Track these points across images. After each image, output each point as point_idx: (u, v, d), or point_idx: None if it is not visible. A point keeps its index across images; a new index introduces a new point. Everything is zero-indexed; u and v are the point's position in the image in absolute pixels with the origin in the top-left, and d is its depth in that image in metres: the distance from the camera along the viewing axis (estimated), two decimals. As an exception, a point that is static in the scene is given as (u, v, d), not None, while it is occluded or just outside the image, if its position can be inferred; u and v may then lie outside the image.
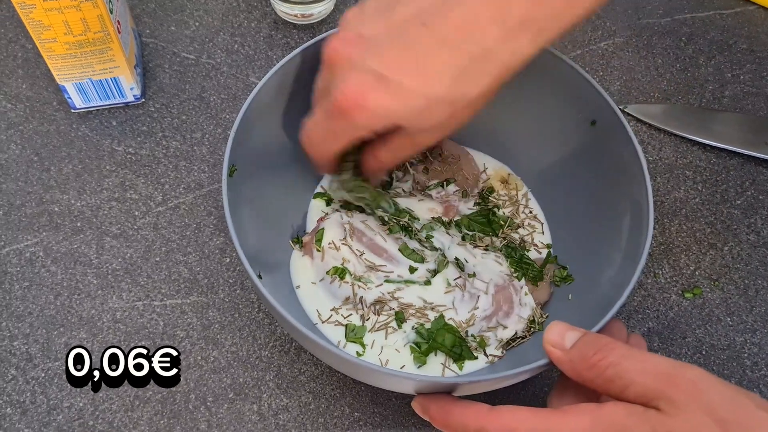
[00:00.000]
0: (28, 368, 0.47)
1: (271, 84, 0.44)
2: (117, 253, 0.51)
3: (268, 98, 0.44)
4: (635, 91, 0.59)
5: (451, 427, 0.36)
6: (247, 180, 0.43)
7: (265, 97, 0.44)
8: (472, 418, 0.34)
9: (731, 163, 0.56)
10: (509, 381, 0.38)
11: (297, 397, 0.47)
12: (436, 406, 0.37)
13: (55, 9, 0.47)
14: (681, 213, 0.54)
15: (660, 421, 0.30)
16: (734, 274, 0.52)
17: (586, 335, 0.35)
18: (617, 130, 0.44)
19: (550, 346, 0.36)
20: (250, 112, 0.43)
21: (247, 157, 0.43)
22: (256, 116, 0.44)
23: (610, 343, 0.33)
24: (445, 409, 0.36)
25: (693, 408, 0.30)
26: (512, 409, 0.34)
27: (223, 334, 0.48)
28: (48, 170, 0.53)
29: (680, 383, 0.31)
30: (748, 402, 0.31)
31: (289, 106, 0.46)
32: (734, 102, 0.59)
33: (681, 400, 0.30)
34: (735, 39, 0.62)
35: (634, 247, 0.41)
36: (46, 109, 0.56)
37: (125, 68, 0.53)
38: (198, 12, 0.60)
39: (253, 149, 0.44)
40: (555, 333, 0.36)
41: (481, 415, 0.34)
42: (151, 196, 0.53)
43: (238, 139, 0.42)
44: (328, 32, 0.44)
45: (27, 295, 0.49)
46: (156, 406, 0.46)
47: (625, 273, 0.40)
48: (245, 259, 0.38)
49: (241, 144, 0.42)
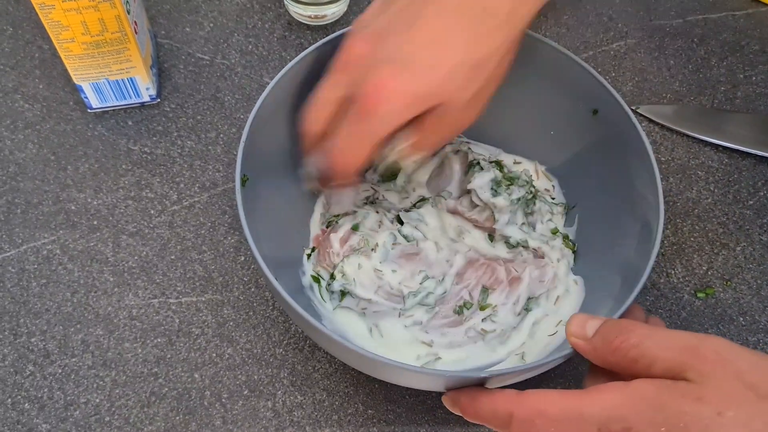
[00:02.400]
0: (46, 364, 0.47)
1: (278, 90, 0.44)
2: (133, 251, 0.51)
3: (277, 104, 0.45)
4: (647, 92, 0.59)
5: (481, 416, 0.36)
6: (259, 184, 0.44)
7: (272, 104, 0.44)
8: (501, 404, 0.35)
9: (743, 163, 0.56)
10: (534, 372, 0.38)
11: (311, 394, 0.47)
12: (465, 398, 0.37)
13: (74, 9, 0.48)
14: (693, 213, 0.54)
15: (690, 390, 0.30)
16: (747, 274, 0.52)
17: (606, 321, 0.35)
18: (626, 128, 0.45)
19: (573, 337, 0.36)
20: (259, 119, 0.43)
21: (259, 161, 0.44)
22: (266, 120, 0.44)
23: (630, 325, 0.34)
24: (474, 398, 0.36)
25: (721, 375, 0.30)
26: (540, 392, 0.34)
27: (238, 332, 0.49)
28: (65, 169, 0.54)
29: (705, 353, 0.31)
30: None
31: (299, 106, 0.47)
32: (746, 103, 0.59)
33: (708, 370, 0.30)
34: (747, 40, 0.62)
35: (647, 233, 0.42)
36: (63, 108, 0.56)
37: (141, 68, 0.53)
38: (212, 13, 0.61)
39: (265, 153, 0.44)
40: (576, 324, 0.36)
41: (510, 401, 0.34)
42: (167, 195, 0.53)
43: (248, 149, 0.42)
44: (340, 31, 0.45)
45: (44, 293, 0.50)
46: (171, 403, 0.47)
47: (641, 258, 0.41)
48: (264, 265, 0.38)
49: (252, 151, 0.43)
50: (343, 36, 0.44)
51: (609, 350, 0.34)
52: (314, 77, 0.45)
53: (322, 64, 0.44)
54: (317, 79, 0.44)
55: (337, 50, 0.41)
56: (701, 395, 0.30)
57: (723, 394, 0.30)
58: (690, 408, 0.30)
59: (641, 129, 0.44)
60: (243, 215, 0.40)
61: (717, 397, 0.30)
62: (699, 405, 0.30)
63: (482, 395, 0.36)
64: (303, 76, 0.45)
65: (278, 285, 0.38)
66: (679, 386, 0.31)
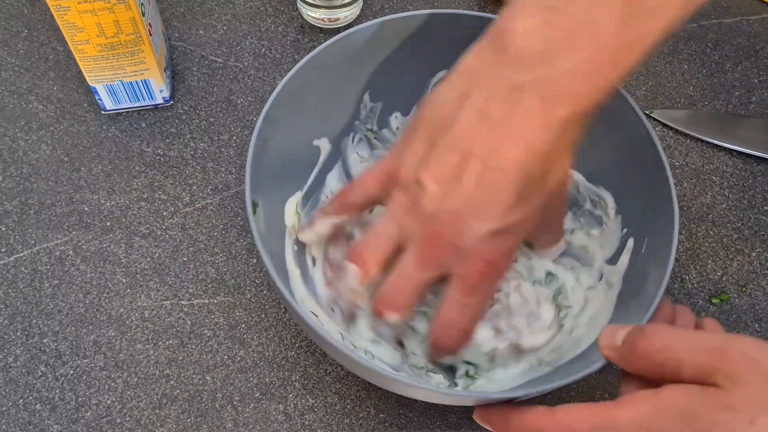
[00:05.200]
0: (58, 365, 0.48)
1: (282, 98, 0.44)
2: (146, 252, 0.51)
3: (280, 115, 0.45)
4: (661, 96, 0.59)
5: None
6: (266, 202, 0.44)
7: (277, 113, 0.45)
8: (531, 422, 0.35)
9: (758, 168, 0.56)
10: (562, 383, 0.38)
11: (323, 397, 0.47)
12: (496, 416, 0.37)
13: (89, 11, 0.48)
14: (708, 218, 0.54)
15: (721, 398, 0.30)
16: (762, 280, 0.52)
17: (633, 328, 0.35)
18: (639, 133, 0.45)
19: (605, 349, 0.36)
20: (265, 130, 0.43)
21: (270, 169, 0.44)
22: (272, 129, 0.44)
23: (654, 328, 0.34)
24: (505, 416, 0.36)
25: (751, 379, 0.30)
26: (569, 407, 0.34)
27: (250, 334, 0.49)
28: (78, 170, 0.54)
29: (732, 355, 0.31)
30: None
31: (306, 113, 0.47)
32: (761, 107, 0.59)
33: (737, 373, 0.30)
34: (762, 45, 0.62)
35: (664, 240, 0.42)
36: (77, 110, 0.57)
37: (155, 70, 0.53)
38: (226, 16, 0.61)
39: (274, 162, 0.45)
40: (606, 335, 0.36)
41: (540, 418, 0.34)
42: (179, 197, 0.53)
43: (255, 174, 0.42)
44: (342, 34, 0.45)
45: (57, 294, 0.50)
46: (183, 405, 0.46)
47: (661, 255, 0.41)
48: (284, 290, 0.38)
49: (259, 168, 0.43)
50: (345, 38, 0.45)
51: (636, 356, 0.33)
52: (317, 84, 0.46)
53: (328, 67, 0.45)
54: (319, 85, 0.45)
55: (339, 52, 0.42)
56: (732, 403, 0.30)
57: (754, 400, 0.29)
58: (722, 417, 0.30)
59: (655, 135, 0.44)
60: (261, 247, 0.39)
61: (748, 404, 0.29)
62: (731, 413, 0.29)
63: (513, 413, 0.36)
64: (306, 85, 0.46)
65: (300, 308, 0.38)
66: (709, 393, 0.30)
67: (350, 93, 0.50)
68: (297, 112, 0.46)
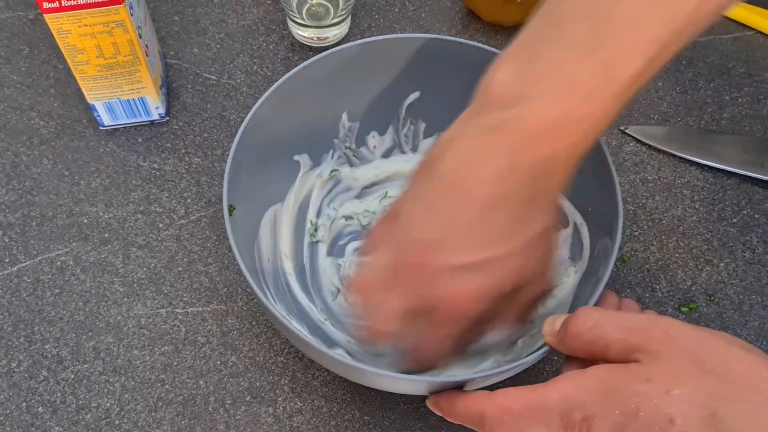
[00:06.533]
0: (59, 370, 0.50)
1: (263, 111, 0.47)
2: (142, 262, 0.54)
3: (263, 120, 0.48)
4: (636, 112, 0.61)
5: (457, 416, 0.39)
6: (246, 216, 0.47)
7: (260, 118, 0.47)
8: (474, 405, 0.37)
9: (728, 182, 0.59)
10: (510, 373, 0.41)
11: (310, 400, 0.50)
12: (444, 401, 0.40)
13: (89, 34, 0.51)
14: (678, 230, 0.56)
15: (640, 372, 0.32)
16: (729, 289, 0.54)
17: (569, 315, 0.37)
18: None
19: (546, 336, 0.39)
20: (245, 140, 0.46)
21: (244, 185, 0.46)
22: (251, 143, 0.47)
23: (585, 310, 0.36)
24: (452, 401, 0.39)
25: (668, 355, 0.32)
26: (506, 390, 0.36)
27: (241, 341, 0.51)
28: (78, 184, 0.57)
29: (654, 334, 0.33)
30: (718, 341, 0.33)
31: (287, 122, 0.50)
32: (732, 124, 0.61)
33: (657, 349, 0.33)
34: (734, 63, 0.64)
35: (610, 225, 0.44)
36: (77, 126, 0.59)
37: (152, 89, 0.56)
38: (219, 35, 0.64)
39: (254, 169, 0.47)
40: (548, 324, 0.39)
41: (480, 401, 0.37)
42: (175, 210, 0.56)
43: (233, 179, 0.45)
44: (325, 53, 0.48)
45: (58, 302, 0.52)
46: (178, 408, 0.49)
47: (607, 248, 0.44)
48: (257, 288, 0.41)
49: (237, 178, 0.45)
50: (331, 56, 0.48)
51: (570, 337, 0.36)
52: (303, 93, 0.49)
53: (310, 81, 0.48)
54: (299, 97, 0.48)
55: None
56: (650, 376, 0.32)
57: (670, 373, 0.32)
58: (640, 388, 0.32)
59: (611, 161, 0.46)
60: (232, 239, 0.42)
61: (665, 376, 0.32)
62: (648, 385, 0.32)
63: (458, 397, 0.39)
64: (286, 96, 0.48)
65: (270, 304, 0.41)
66: (629, 369, 0.33)
67: (329, 112, 0.52)
68: (278, 124, 0.49)
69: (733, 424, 0.30)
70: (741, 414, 0.31)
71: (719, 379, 0.31)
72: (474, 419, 0.38)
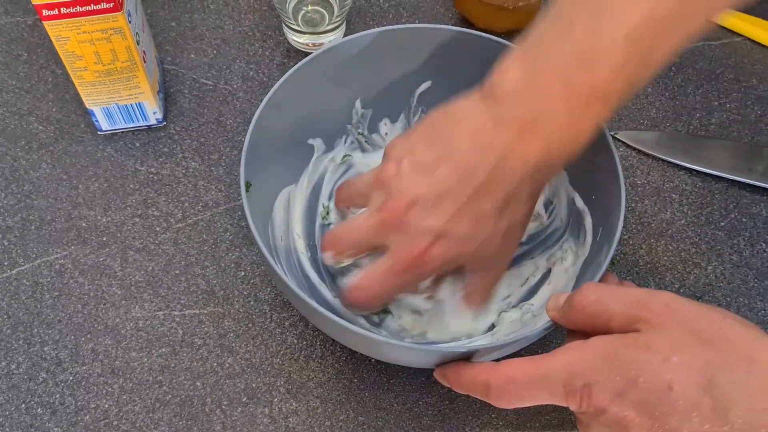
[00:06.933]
0: (58, 372, 0.51)
1: (279, 96, 0.49)
2: (140, 266, 0.55)
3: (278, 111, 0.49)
4: (626, 118, 0.63)
5: (463, 386, 0.40)
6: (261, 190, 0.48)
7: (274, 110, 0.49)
8: (479, 374, 0.39)
9: (716, 187, 0.60)
10: (516, 347, 0.42)
11: (306, 401, 0.50)
12: (451, 371, 0.41)
13: (87, 41, 0.51)
14: (667, 234, 0.58)
15: (640, 340, 0.34)
16: (717, 292, 0.55)
17: (572, 292, 0.39)
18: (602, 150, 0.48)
19: (550, 311, 0.40)
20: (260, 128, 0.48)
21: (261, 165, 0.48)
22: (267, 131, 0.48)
23: (589, 285, 0.38)
24: (458, 371, 0.40)
25: (667, 325, 0.34)
26: (511, 361, 0.38)
27: (238, 342, 0.52)
28: (76, 188, 0.57)
29: (654, 306, 0.35)
30: (715, 314, 0.35)
31: (298, 116, 0.51)
32: (720, 129, 0.62)
33: (657, 320, 0.34)
34: (722, 69, 0.65)
35: (610, 212, 0.46)
36: (75, 131, 0.60)
37: (149, 94, 0.57)
38: (216, 41, 0.65)
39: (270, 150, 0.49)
40: (551, 301, 0.40)
41: (486, 371, 0.39)
42: (172, 213, 0.57)
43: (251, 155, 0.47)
44: (321, 49, 0.50)
45: (57, 304, 0.53)
46: (175, 409, 0.50)
47: (609, 233, 0.45)
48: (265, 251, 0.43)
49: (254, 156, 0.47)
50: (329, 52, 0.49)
51: (573, 311, 0.37)
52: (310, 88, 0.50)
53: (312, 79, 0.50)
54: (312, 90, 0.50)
55: None
56: (650, 344, 0.34)
57: (669, 342, 0.33)
58: (640, 356, 0.33)
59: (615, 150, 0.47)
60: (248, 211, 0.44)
61: (664, 345, 0.33)
62: (648, 353, 0.33)
63: (465, 368, 0.40)
64: (299, 89, 0.50)
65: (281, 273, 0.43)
66: (629, 337, 0.34)
67: (344, 98, 0.54)
68: (294, 107, 0.50)
69: (728, 391, 0.32)
70: (735, 381, 0.32)
71: (715, 349, 0.33)
72: (480, 388, 0.39)
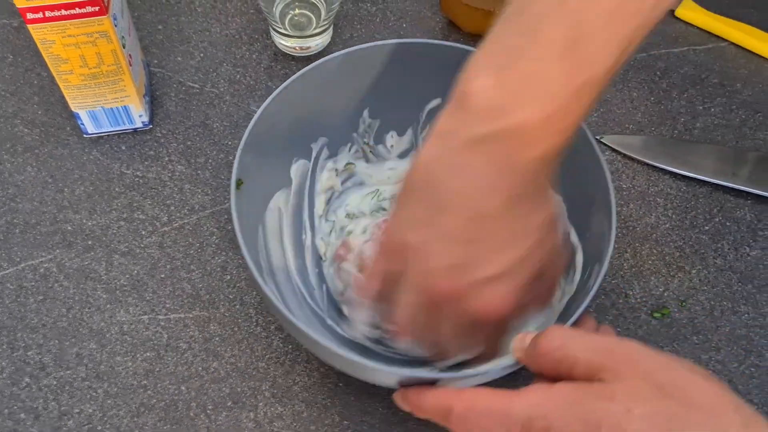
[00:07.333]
0: (42, 376, 0.51)
1: (274, 106, 0.48)
2: (125, 269, 0.54)
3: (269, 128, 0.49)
4: (611, 122, 0.63)
5: (424, 409, 0.40)
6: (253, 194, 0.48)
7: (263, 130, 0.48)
8: (442, 399, 0.39)
9: (700, 191, 0.60)
10: (479, 380, 0.42)
11: (291, 405, 0.50)
12: (413, 394, 0.41)
13: (73, 44, 0.51)
14: (652, 238, 0.58)
15: (603, 390, 0.34)
16: (701, 295, 0.56)
17: (539, 333, 0.38)
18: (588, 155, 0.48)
19: (516, 352, 0.40)
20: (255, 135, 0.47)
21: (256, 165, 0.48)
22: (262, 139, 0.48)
23: (555, 329, 0.37)
24: (420, 395, 0.40)
25: (632, 376, 0.34)
26: (475, 389, 0.38)
27: (223, 347, 0.52)
28: (61, 191, 0.57)
29: (618, 356, 0.35)
30: (679, 367, 0.35)
31: (292, 127, 0.51)
32: (705, 133, 0.63)
33: (621, 370, 0.34)
34: (707, 73, 0.66)
35: (599, 252, 0.46)
36: (60, 134, 0.60)
37: (135, 97, 0.57)
38: (203, 44, 0.64)
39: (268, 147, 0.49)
40: (517, 340, 0.40)
41: (450, 396, 0.38)
42: (157, 217, 0.57)
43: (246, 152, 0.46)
44: (322, 59, 0.49)
45: (41, 308, 0.53)
46: (160, 413, 0.50)
47: (594, 275, 0.45)
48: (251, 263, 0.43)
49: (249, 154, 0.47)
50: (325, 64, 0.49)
51: (538, 354, 0.37)
52: (303, 100, 0.50)
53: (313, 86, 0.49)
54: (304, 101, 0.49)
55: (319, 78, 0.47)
56: (613, 394, 0.34)
57: (632, 393, 0.33)
58: (603, 405, 0.33)
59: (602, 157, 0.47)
60: (236, 217, 0.44)
61: (627, 396, 0.33)
62: (611, 403, 0.33)
63: (428, 392, 0.40)
64: (295, 99, 0.49)
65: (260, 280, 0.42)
66: (594, 387, 0.34)
67: (352, 105, 0.54)
68: (301, 105, 0.50)
69: None
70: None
71: (679, 404, 0.33)
72: (441, 413, 0.39)
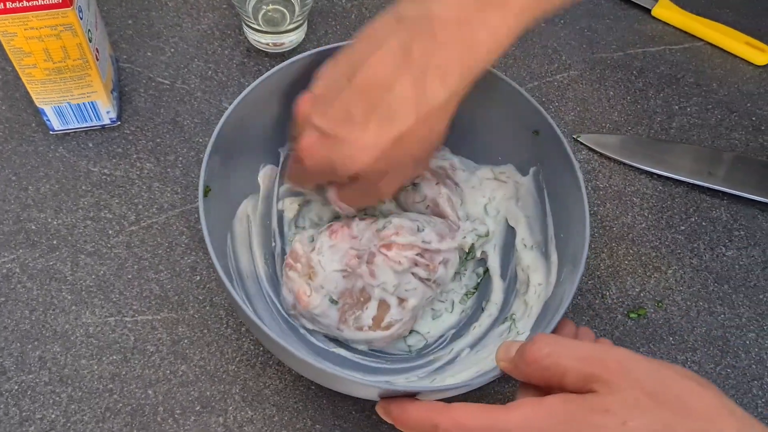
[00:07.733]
0: (2, 381, 0.49)
1: (244, 104, 0.47)
2: (91, 270, 0.53)
3: (242, 117, 0.47)
4: (588, 121, 0.62)
5: (408, 425, 0.39)
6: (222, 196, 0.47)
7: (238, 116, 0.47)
8: (427, 414, 0.37)
9: (676, 191, 0.60)
10: (458, 391, 0.41)
11: (261, 409, 0.49)
12: (396, 407, 0.40)
13: (36, 37, 0.50)
14: (628, 237, 0.57)
15: (597, 402, 0.33)
16: (677, 296, 0.56)
17: (524, 342, 0.38)
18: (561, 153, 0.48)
19: (501, 362, 0.39)
20: (224, 133, 0.46)
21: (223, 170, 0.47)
22: (230, 135, 0.47)
23: (542, 337, 0.37)
24: (404, 408, 0.39)
25: (624, 386, 0.33)
26: (464, 405, 0.37)
27: (192, 349, 0.51)
28: (26, 189, 0.56)
29: (610, 365, 0.34)
30: (671, 373, 0.34)
31: (264, 124, 0.50)
32: (681, 133, 0.63)
33: (613, 380, 0.33)
34: (683, 73, 0.66)
35: (575, 255, 0.45)
36: (25, 130, 0.58)
37: (102, 93, 0.55)
38: (174, 39, 0.63)
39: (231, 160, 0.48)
40: (502, 350, 0.39)
41: (435, 412, 0.37)
42: (125, 216, 0.55)
43: (213, 159, 0.45)
44: (298, 56, 0.48)
45: (2, 310, 0.51)
46: (126, 418, 0.48)
47: (570, 277, 0.44)
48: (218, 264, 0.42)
49: (217, 160, 0.46)
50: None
51: (525, 363, 0.36)
52: (276, 96, 0.49)
53: (281, 88, 0.48)
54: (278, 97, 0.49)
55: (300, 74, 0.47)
56: (607, 407, 0.33)
57: (627, 405, 0.33)
58: (598, 420, 0.33)
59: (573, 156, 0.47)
60: (204, 221, 0.43)
61: (621, 408, 0.33)
62: (606, 416, 0.33)
63: (412, 405, 0.39)
64: (267, 95, 0.49)
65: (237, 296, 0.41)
66: (587, 398, 0.34)
67: None
68: (272, 109, 0.50)
69: None
70: None
71: (673, 412, 0.33)
72: (426, 429, 0.38)
